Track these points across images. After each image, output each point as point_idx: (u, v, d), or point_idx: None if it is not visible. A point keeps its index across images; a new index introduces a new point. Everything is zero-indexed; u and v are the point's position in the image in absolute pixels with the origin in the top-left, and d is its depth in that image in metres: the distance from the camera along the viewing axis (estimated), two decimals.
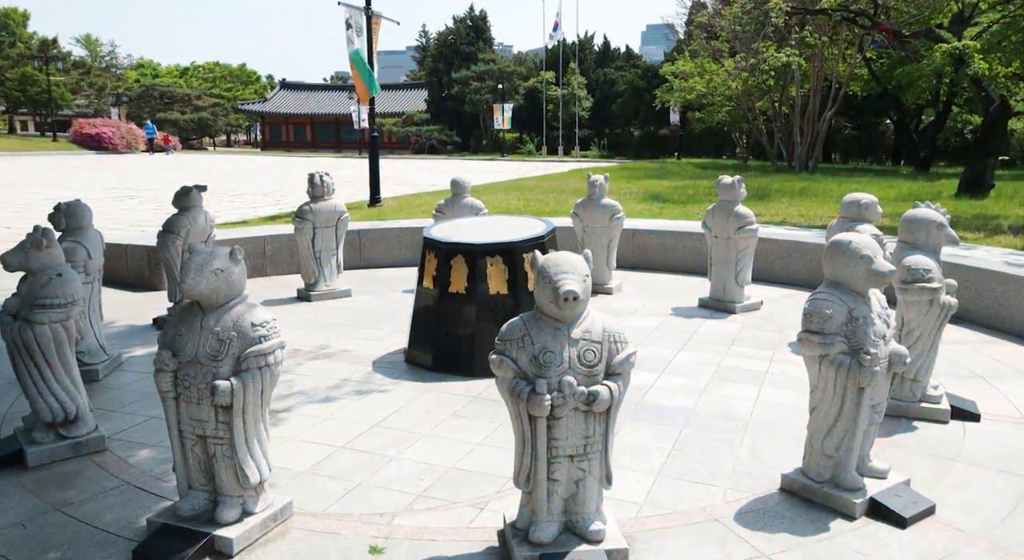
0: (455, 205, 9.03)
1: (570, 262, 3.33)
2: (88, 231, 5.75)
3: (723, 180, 8.03)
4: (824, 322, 3.78)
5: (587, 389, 3.27)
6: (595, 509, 3.50)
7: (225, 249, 3.50)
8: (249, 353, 3.43)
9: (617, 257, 10.40)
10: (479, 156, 50.30)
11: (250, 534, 3.52)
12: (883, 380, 3.93)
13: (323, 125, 64.88)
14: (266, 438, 3.64)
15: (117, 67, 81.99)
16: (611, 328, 3.38)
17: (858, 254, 3.79)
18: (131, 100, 60.68)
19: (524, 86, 56.16)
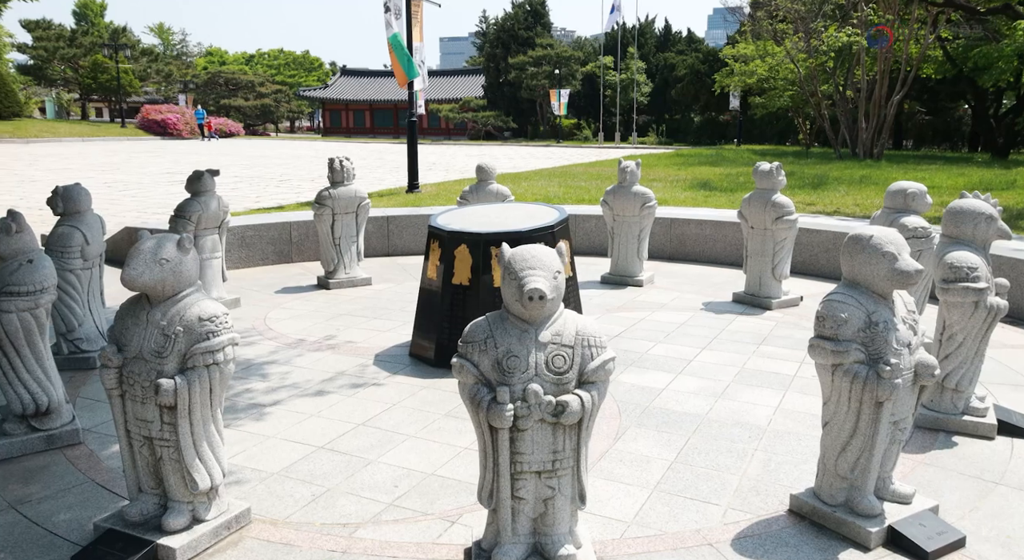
0: (479, 191, 8.71)
1: (539, 257, 2.98)
2: (86, 215, 5.63)
3: (760, 167, 7.50)
4: (838, 327, 3.34)
5: (555, 399, 2.92)
6: (567, 531, 3.16)
7: (173, 237, 3.26)
8: (195, 350, 3.18)
9: (653, 248, 9.98)
10: (535, 142, 49.82)
11: (197, 543, 3.29)
12: (908, 394, 3.46)
13: (382, 111, 65.26)
14: (219, 441, 3.39)
15: (188, 55, 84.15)
16: (586, 331, 3.02)
17: (879, 250, 3.33)
18: (198, 87, 62.05)
19: (582, 71, 55.32)
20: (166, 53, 76.41)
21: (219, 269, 7.26)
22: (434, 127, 62.45)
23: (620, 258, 8.57)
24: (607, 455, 4.28)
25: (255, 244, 9.51)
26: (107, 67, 48.72)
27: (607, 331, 6.66)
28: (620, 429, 4.63)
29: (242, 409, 4.92)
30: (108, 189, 17.24)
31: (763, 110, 39.16)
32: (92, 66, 48.60)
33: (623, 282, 8.51)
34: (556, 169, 22.65)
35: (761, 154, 27.87)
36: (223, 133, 49.99)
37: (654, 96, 55.19)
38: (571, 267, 5.87)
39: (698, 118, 53.04)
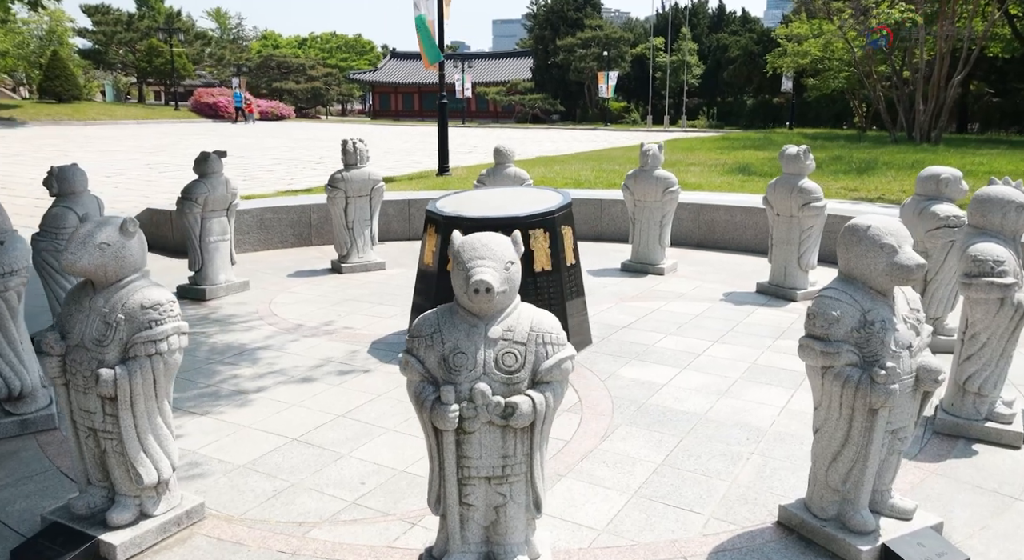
0: (497, 175, 8.47)
1: (490, 246, 2.75)
2: (82, 196, 5.57)
3: (787, 150, 7.10)
4: (829, 326, 3.04)
5: (504, 400, 2.69)
6: (522, 540, 2.93)
7: (117, 220, 3.11)
8: (136, 339, 3.04)
9: (680, 234, 9.64)
10: (582, 126, 49.19)
11: (142, 540, 3.16)
12: (908, 400, 3.14)
13: (431, 94, 65.13)
14: (168, 434, 3.25)
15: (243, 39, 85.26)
16: (541, 327, 2.78)
17: (877, 242, 3.01)
18: (251, 70, 62.85)
19: (631, 53, 54.39)
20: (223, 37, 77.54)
21: (227, 252, 7.19)
22: (482, 110, 62.25)
23: (641, 245, 8.25)
24: (591, 455, 4.04)
25: (274, 227, 9.46)
26: (162, 51, 49.66)
27: (617, 322, 6.39)
28: (610, 427, 4.37)
29: (224, 396, 4.81)
30: (149, 170, 17.49)
31: (817, 92, 37.91)
32: (147, 50, 49.59)
33: (643, 270, 8.20)
34: (594, 152, 22.23)
35: (812, 138, 26.94)
36: (275, 116, 50.57)
37: (706, 78, 53.97)
38: (574, 254, 5.60)
39: (751, 101, 51.68)
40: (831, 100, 41.46)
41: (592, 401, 4.74)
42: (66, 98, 42.63)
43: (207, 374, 5.18)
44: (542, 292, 5.33)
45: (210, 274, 7.07)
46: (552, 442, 4.13)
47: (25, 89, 48.26)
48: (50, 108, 40.34)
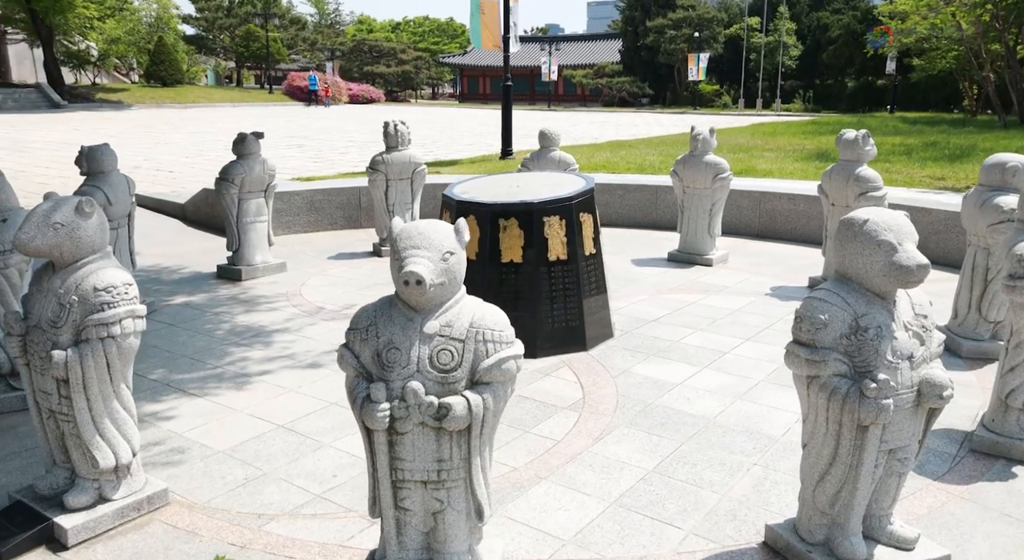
0: (541, 159, 8.22)
1: (427, 235, 2.55)
2: (110, 176, 5.67)
3: (845, 135, 6.58)
4: (816, 331, 2.72)
5: (437, 400, 2.51)
6: (464, 550, 2.76)
7: (74, 200, 3.07)
8: (88, 321, 3.00)
9: (740, 223, 9.19)
10: (670, 109, 47.99)
11: (96, 524, 3.14)
12: (908, 417, 2.79)
13: (518, 77, 64.82)
14: (127, 418, 3.22)
15: (340, 24, 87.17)
16: (483, 323, 2.58)
17: (875, 239, 2.67)
18: (344, 54, 64.16)
19: (725, 34, 52.52)
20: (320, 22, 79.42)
21: (264, 233, 7.24)
22: (569, 93, 61.55)
23: (689, 234, 7.86)
24: (578, 458, 3.81)
25: (324, 209, 9.51)
26: (258, 36, 51.22)
27: (646, 315, 6.08)
28: (607, 428, 4.12)
29: (227, 379, 4.80)
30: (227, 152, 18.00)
31: (923, 73, 35.61)
32: (245, 35, 51.23)
33: (691, 260, 7.81)
34: (670, 137, 21.55)
35: (911, 122, 25.37)
36: (365, 99, 51.51)
37: (803, 59, 51.55)
38: (594, 243, 5.33)
39: (852, 83, 49.09)
40: (939, 82, 38.85)
41: (596, 399, 4.49)
42: (170, 82, 44.57)
43: (218, 355, 5.20)
44: (556, 283, 5.10)
45: (246, 255, 7.14)
46: (541, 441, 3.96)
47: (136, 74, 50.68)
48: (155, 92, 42.26)
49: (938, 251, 7.84)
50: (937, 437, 4.03)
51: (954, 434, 4.06)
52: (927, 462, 3.77)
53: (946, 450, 3.90)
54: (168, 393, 4.58)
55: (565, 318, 5.15)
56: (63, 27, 37.28)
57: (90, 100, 37.92)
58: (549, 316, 5.11)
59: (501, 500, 3.44)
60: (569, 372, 4.89)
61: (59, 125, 25.53)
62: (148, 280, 7.08)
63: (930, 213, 7.98)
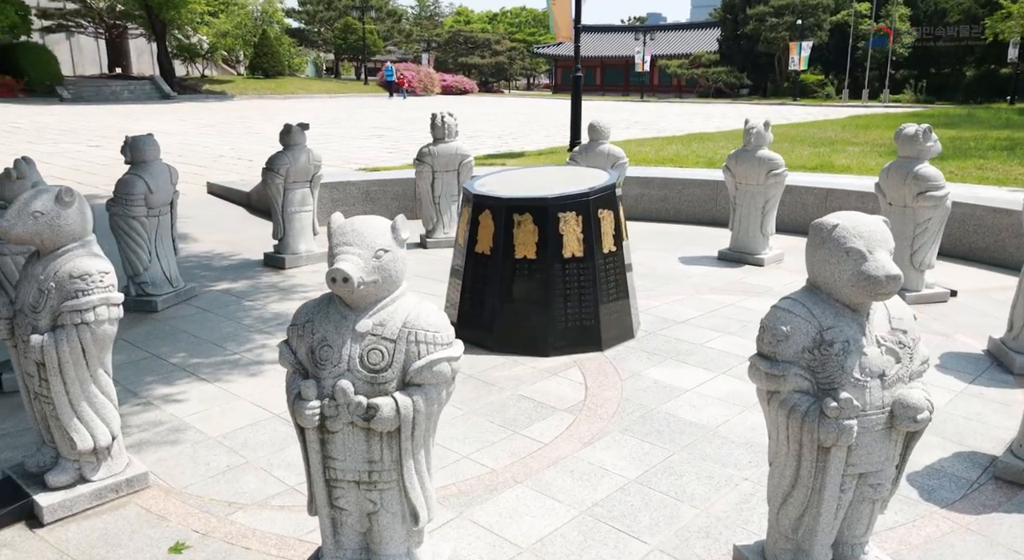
0: (589, 152, 8.05)
1: (360, 231, 2.49)
2: (152, 165, 5.88)
3: (905, 130, 6.14)
4: (777, 343, 2.52)
5: (366, 400, 2.46)
6: (402, 552, 2.71)
7: (54, 189, 3.18)
8: (63, 308, 3.10)
9: (805, 221, 8.69)
10: (768, 100, 46.37)
11: (72, 504, 3.26)
12: (879, 440, 2.55)
13: (612, 68, 64.21)
14: (106, 402, 3.32)
15: (439, 15, 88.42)
16: (416, 323, 2.51)
17: (842, 246, 2.45)
18: (439, 46, 65.09)
19: (831, 21, 50.20)
20: (420, 14, 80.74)
21: (309, 222, 7.39)
22: (664, 84, 60.35)
23: (741, 232, 7.54)
24: (561, 462, 3.69)
25: (379, 199, 9.64)
26: (355, 28, 52.58)
27: (676, 315, 5.86)
28: (600, 433, 3.99)
29: (241, 366, 4.91)
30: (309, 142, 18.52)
31: None
32: (343, 28, 52.71)
33: (741, 260, 7.49)
34: None
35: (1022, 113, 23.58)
36: (458, 90, 52.12)
37: (917, 47, 48.72)
38: (615, 241, 5.16)
39: (971, 72, 46.07)
40: None
41: (597, 402, 4.35)
42: (271, 74, 46.31)
43: (240, 342, 5.32)
44: (570, 281, 4.96)
45: (291, 243, 7.30)
46: (528, 443, 3.87)
47: (241, 66, 52.92)
48: (257, 83, 44.01)
49: (1019, 256, 7.25)
50: (959, 460, 3.71)
51: (979, 458, 3.72)
52: (939, 487, 3.47)
53: (965, 475, 3.57)
54: (182, 377, 4.72)
55: (580, 317, 5.01)
56: (176, 22, 39.24)
57: (197, 91, 39.81)
58: (562, 315, 4.98)
59: (470, 502, 3.37)
60: (577, 373, 4.76)
61: (165, 115, 26.90)
62: (198, 266, 7.35)
63: (1010, 214, 7.37)
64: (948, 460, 3.71)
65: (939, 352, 5.14)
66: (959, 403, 4.34)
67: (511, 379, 4.67)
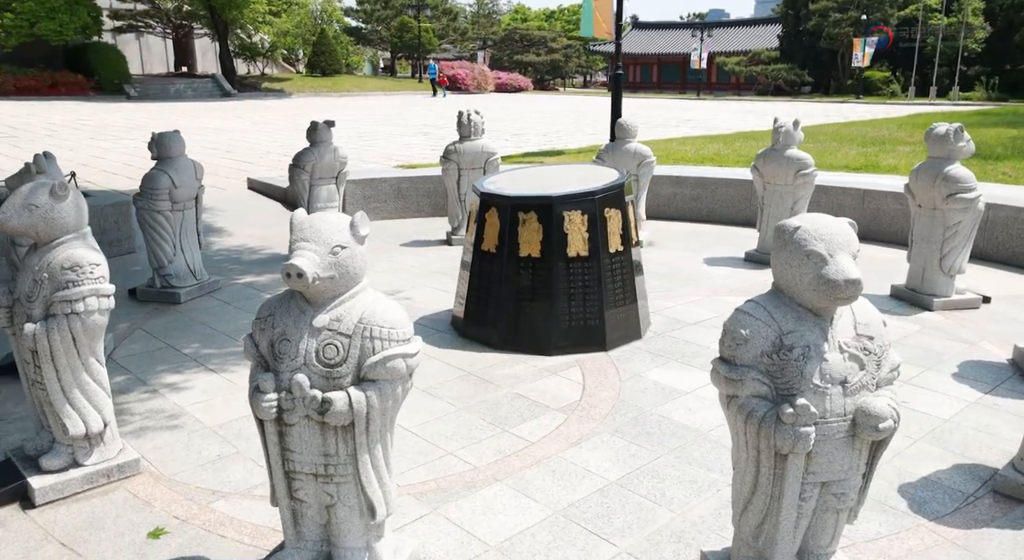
0: (615, 151, 7.97)
1: (318, 228, 2.53)
2: (177, 161, 6.04)
3: (935, 129, 5.91)
4: (736, 346, 2.48)
5: (321, 394, 2.50)
6: (361, 546, 2.74)
7: (49, 183, 3.30)
8: (54, 298, 3.22)
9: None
10: (829, 98, 45.20)
11: (64, 487, 3.38)
12: (842, 449, 2.47)
13: (669, 65, 63.49)
14: (98, 389, 3.43)
15: (497, 13, 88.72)
16: (372, 319, 2.53)
17: (803, 249, 2.39)
18: (495, 44, 65.31)
19: (898, 15, 48.62)
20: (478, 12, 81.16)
21: None
22: (723, 82, 59.37)
23: (768, 233, 7.37)
24: (544, 462, 3.68)
25: (411, 196, 9.72)
26: (411, 27, 53.15)
27: (689, 317, 5.77)
28: (589, 433, 3.96)
29: None
30: (357, 139, 18.81)
31: None
32: (399, 26, 53.32)
33: (767, 261, 7.27)
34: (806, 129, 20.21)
35: None
36: (513, 88, 52.23)
37: (991, 42, 46.77)
38: (623, 240, 5.10)
39: None
40: None
41: (592, 402, 4.32)
42: (328, 72, 47.11)
43: None
44: (575, 280, 4.93)
45: None
46: (515, 442, 3.87)
47: (300, 64, 54.02)
48: (314, 81, 44.84)
49: None
50: (959, 472, 3.57)
51: (981, 471, 3.57)
52: (931, 499, 3.34)
53: (961, 488, 3.43)
54: (191, 367, 4.85)
55: (583, 317, 4.98)
56: (238, 21, 40.26)
57: (257, 89, 40.77)
58: (566, 314, 4.96)
59: (446, 499, 3.39)
60: (577, 372, 4.73)
61: (224, 113, 27.64)
62: (227, 260, 7.53)
63: None
64: (946, 472, 3.57)
65: (960, 360, 4.94)
66: (970, 413, 4.17)
67: (510, 377, 4.67)
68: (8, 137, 17.74)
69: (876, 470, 2.59)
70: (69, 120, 22.21)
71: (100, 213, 7.51)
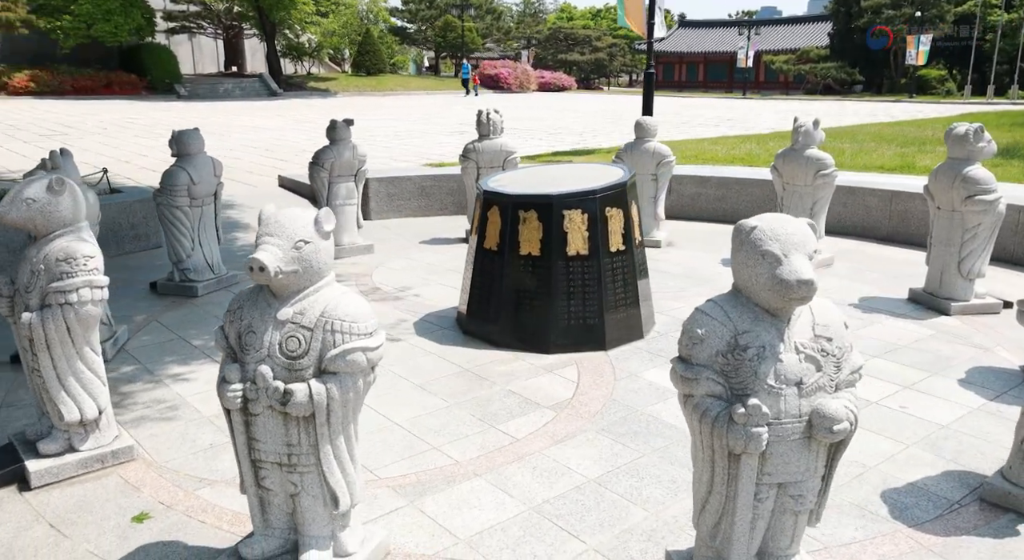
0: (634, 150, 7.93)
1: (282, 223, 2.61)
2: (195, 158, 6.21)
3: (955, 129, 5.77)
4: (692, 346, 2.47)
5: (283, 385, 2.56)
6: (325, 535, 2.80)
7: (46, 179, 3.43)
8: (49, 288, 3.36)
9: (868, 225, 8.42)
10: (881, 97, 44.13)
11: (59, 471, 3.51)
12: (798, 451, 2.45)
13: (716, 64, 62.72)
14: (93, 378, 3.56)
15: (543, 12, 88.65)
16: (334, 313, 2.59)
17: (758, 249, 2.37)
18: (540, 43, 65.25)
19: (955, 12, 47.25)
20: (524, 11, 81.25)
21: (353, 215, 7.61)
22: (771, 80, 58.39)
23: None
24: (526, 458, 3.70)
25: (434, 194, 9.80)
26: (455, 26, 53.47)
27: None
28: (575, 431, 3.96)
29: None
30: (393, 138, 19.02)
31: None
32: (443, 26, 53.70)
33: None
34: (850, 128, 19.85)
35: None
36: (556, 87, 52.20)
37: None
38: (624, 239, 5.08)
39: None
40: None
41: (583, 401, 4.32)
42: (373, 72, 47.67)
43: None
44: (574, 279, 4.94)
45: (335, 235, 7.52)
46: (500, 438, 3.91)
47: (346, 64, 54.72)
48: (359, 80, 45.41)
49: None
50: (947, 479, 3.49)
51: (971, 478, 3.49)
52: (913, 505, 3.28)
53: (948, 495, 3.36)
54: (198, 358, 4.99)
55: (583, 315, 4.98)
56: (286, 22, 40.98)
57: (302, 89, 41.46)
58: (565, 312, 4.96)
59: (424, 492, 3.43)
60: (573, 371, 4.73)
61: (267, 112, 28.18)
62: (247, 255, 7.66)
63: None
64: (935, 478, 3.49)
65: (970, 366, 4.81)
66: (970, 420, 4.06)
67: (505, 374, 4.70)
68: (60, 135, 18.37)
69: (867, 475, 2.55)
70: (119, 119, 22.88)
71: (129, 209, 7.75)
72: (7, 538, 3.10)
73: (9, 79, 31.60)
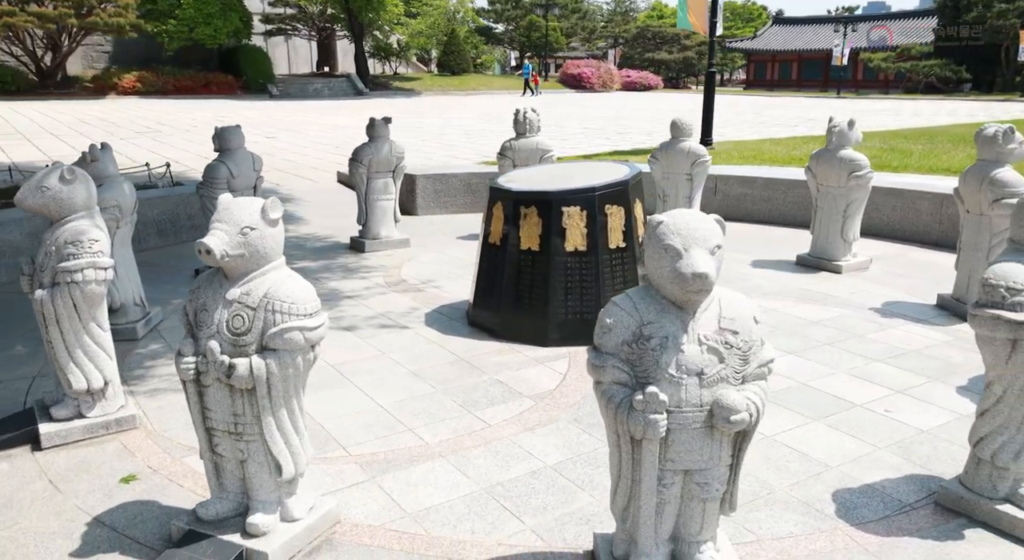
0: (669, 150, 7.90)
1: (232, 210, 2.85)
2: (236, 153, 6.60)
3: (984, 131, 5.56)
4: (602, 335, 2.58)
5: (228, 360, 2.81)
6: (272, 500, 3.03)
7: (59, 169, 3.79)
8: (57, 268, 3.71)
9: (918, 229, 8.16)
10: (987, 97, 41.80)
11: (67, 434, 3.88)
12: (700, 439, 2.53)
13: (811, 62, 60.61)
14: (99, 351, 3.90)
15: (634, 11, 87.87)
16: (276, 295, 2.82)
17: (662, 243, 2.46)
18: (627, 42, 64.77)
19: None
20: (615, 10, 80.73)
21: (390, 209, 7.89)
22: (870, 79, 56.06)
23: (821, 237, 7.11)
24: (492, 443, 3.85)
25: (479, 191, 9.99)
26: (540, 26, 53.73)
27: None
28: (547, 420, 4.08)
29: None
30: (464, 136, 19.37)
31: None
32: (528, 25, 54.06)
33: (819, 265, 7.07)
34: (931, 129, 18.96)
35: None
36: (642, 86, 51.81)
37: None
38: (624, 236, 5.13)
39: None
40: None
41: (565, 392, 4.43)
42: (457, 71, 48.51)
43: None
44: (572, 274, 5.03)
45: (372, 229, 7.85)
46: (473, 423, 4.08)
47: (433, 64, 55.83)
48: (443, 80, 46.27)
49: None
50: (907, 482, 3.46)
51: (932, 483, 3.43)
52: (862, 505, 3.26)
53: (902, 497, 3.31)
54: None
55: (580, 310, 5.07)
56: (375, 23, 42.18)
57: (388, 88, 42.57)
58: (562, 307, 5.07)
59: (386, 470, 3.62)
60: (564, 364, 4.83)
61: (350, 110, 29.09)
62: (293, 246, 8.09)
63: None
64: (894, 481, 3.45)
65: (976, 374, 4.64)
66: (953, 427, 3.96)
67: (497, 365, 4.84)
68: (153, 132, 19.57)
69: (825, 475, 2.59)
70: (210, 117, 24.11)
71: (186, 201, 8.27)
72: (10, 490, 3.47)
73: (119, 80, 33.83)
